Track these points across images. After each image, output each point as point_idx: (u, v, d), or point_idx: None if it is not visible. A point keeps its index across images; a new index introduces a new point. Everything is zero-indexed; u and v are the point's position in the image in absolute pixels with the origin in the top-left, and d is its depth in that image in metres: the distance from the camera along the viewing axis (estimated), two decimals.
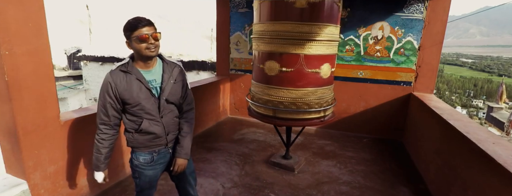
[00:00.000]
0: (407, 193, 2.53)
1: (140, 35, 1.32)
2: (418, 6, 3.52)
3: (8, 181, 1.84)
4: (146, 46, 1.35)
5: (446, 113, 2.59)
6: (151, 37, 1.34)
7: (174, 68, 1.53)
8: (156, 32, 1.37)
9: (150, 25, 1.36)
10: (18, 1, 1.66)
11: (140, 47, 1.35)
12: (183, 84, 1.57)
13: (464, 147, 1.98)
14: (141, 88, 1.42)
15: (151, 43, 1.35)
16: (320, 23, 2.38)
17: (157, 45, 1.38)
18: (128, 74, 1.41)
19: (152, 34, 1.35)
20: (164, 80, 1.47)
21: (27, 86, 1.76)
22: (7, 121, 1.76)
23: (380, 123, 3.95)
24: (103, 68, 6.47)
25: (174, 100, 1.52)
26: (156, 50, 1.39)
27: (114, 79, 1.40)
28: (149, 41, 1.34)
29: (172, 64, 1.54)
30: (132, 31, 1.34)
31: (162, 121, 1.50)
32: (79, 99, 7.03)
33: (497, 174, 1.53)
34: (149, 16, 1.47)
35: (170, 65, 1.52)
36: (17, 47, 1.68)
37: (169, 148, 1.59)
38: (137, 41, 1.34)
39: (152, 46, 1.36)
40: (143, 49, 1.35)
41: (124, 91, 1.40)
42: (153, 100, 1.46)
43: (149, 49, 1.36)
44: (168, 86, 1.48)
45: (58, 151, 2.02)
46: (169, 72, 1.50)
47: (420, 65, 3.67)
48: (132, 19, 1.36)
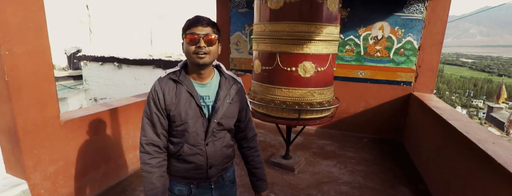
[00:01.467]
0: (407, 193, 2.53)
1: (190, 35, 1.10)
2: (418, 6, 3.52)
3: (8, 181, 1.84)
4: (194, 50, 1.10)
5: (446, 113, 2.59)
6: (202, 39, 1.09)
7: (232, 85, 1.25)
8: (211, 35, 1.11)
9: (208, 26, 1.12)
10: (18, 1, 1.66)
11: (188, 49, 1.12)
12: (241, 105, 1.30)
13: (464, 147, 1.98)
14: (190, 103, 1.16)
15: (200, 46, 1.09)
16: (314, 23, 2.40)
17: (209, 51, 1.11)
18: (179, 84, 1.17)
19: (204, 36, 1.09)
20: (218, 98, 1.20)
21: (27, 86, 1.76)
22: (7, 121, 1.76)
23: (380, 123, 3.95)
24: (103, 68, 6.47)
25: (227, 125, 1.24)
26: (207, 58, 1.12)
27: (163, 87, 1.16)
28: (199, 43, 1.09)
29: (231, 79, 1.27)
30: (185, 29, 1.13)
31: (206, 150, 1.21)
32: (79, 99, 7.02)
33: (497, 174, 1.53)
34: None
35: (229, 81, 1.25)
36: (17, 47, 1.68)
37: (211, 184, 1.29)
38: (187, 39, 1.11)
39: (202, 51, 1.09)
40: (190, 52, 1.11)
41: (172, 104, 1.15)
42: (202, 121, 1.18)
43: (197, 54, 1.10)
44: (222, 106, 1.20)
45: (58, 151, 2.02)
46: (226, 89, 1.22)
47: (420, 65, 3.67)
48: (193, 17, 1.14)
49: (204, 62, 1.12)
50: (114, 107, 2.52)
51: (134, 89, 6.24)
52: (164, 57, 6.23)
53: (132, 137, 2.71)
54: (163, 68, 5.93)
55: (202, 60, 1.11)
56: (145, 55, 6.47)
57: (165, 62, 5.91)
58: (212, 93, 1.22)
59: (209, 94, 1.21)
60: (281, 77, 2.51)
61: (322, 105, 2.59)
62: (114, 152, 2.53)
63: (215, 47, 1.15)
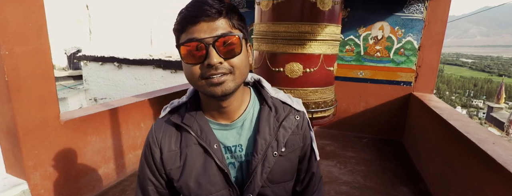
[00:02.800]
0: (407, 193, 2.53)
1: (185, 45, 0.60)
2: (418, 6, 3.52)
3: (8, 181, 1.84)
4: (200, 72, 0.60)
5: (446, 113, 2.59)
6: (213, 47, 0.58)
7: (285, 118, 0.73)
8: (230, 34, 0.60)
9: (219, 16, 0.60)
10: (18, 1, 1.66)
11: (189, 73, 0.62)
12: (304, 155, 0.79)
13: (464, 147, 1.98)
14: (206, 165, 0.69)
15: (211, 63, 0.58)
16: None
17: (230, 68, 0.61)
18: (185, 133, 0.70)
19: (216, 41, 0.59)
20: (256, 151, 0.69)
21: (27, 86, 1.76)
22: (7, 121, 1.77)
23: (380, 123, 3.95)
24: (103, 68, 6.47)
25: (277, 193, 0.74)
26: (230, 83, 0.62)
27: (160, 138, 0.72)
28: (207, 59, 0.59)
29: (281, 107, 0.74)
30: (179, 31, 0.62)
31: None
32: (79, 99, 7.03)
33: (497, 174, 1.53)
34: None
35: (277, 111, 0.73)
36: (17, 47, 1.68)
37: None
38: (182, 56, 0.61)
39: (216, 72, 0.60)
40: (195, 77, 0.62)
41: (176, 169, 0.70)
42: (230, 195, 0.71)
43: (208, 79, 0.60)
44: (264, 165, 0.69)
45: (58, 151, 2.02)
46: (270, 131, 0.70)
47: (420, 65, 3.67)
48: (190, 2, 0.62)
49: (225, 91, 0.61)
50: (114, 107, 2.52)
51: (134, 89, 6.24)
52: (164, 57, 6.24)
53: (132, 137, 2.71)
54: (163, 68, 5.92)
55: (220, 88, 0.61)
56: (145, 55, 6.47)
57: (165, 62, 5.91)
58: (245, 139, 0.71)
59: (241, 142, 0.71)
60: (270, 77, 2.53)
61: (319, 106, 2.58)
62: (114, 152, 2.53)
63: (241, 57, 0.62)
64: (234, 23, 0.63)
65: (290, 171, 0.76)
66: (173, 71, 5.95)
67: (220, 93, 0.61)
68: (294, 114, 0.75)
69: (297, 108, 0.77)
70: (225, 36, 0.59)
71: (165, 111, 0.76)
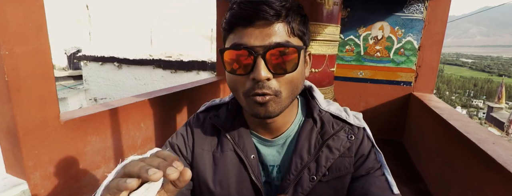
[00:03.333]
0: (407, 193, 2.53)
1: (230, 50, 0.52)
2: (418, 6, 3.52)
3: (8, 181, 1.84)
4: (247, 88, 0.53)
5: (446, 113, 2.59)
6: (263, 61, 0.49)
7: (333, 136, 0.61)
8: (287, 45, 0.50)
9: (276, 20, 0.50)
10: (18, 1, 1.66)
11: (234, 83, 0.55)
12: (368, 186, 0.59)
13: (464, 147, 1.98)
14: (241, 179, 0.60)
15: (258, 78, 0.49)
16: None
17: (279, 90, 0.52)
18: (223, 136, 0.62)
19: (267, 51, 0.49)
20: (291, 169, 0.59)
21: (27, 86, 1.76)
22: (7, 121, 1.77)
23: (380, 123, 3.94)
24: (103, 68, 6.46)
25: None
26: (276, 102, 0.53)
27: (195, 132, 0.65)
28: (254, 72, 0.50)
29: (332, 123, 0.63)
30: (228, 30, 0.56)
31: None
32: (79, 99, 7.02)
33: (498, 174, 1.53)
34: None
35: (324, 127, 0.62)
36: (17, 47, 1.68)
37: None
38: (225, 62, 0.53)
39: (260, 90, 0.51)
40: (238, 92, 0.55)
41: (204, 171, 0.62)
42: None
43: (250, 97, 0.53)
44: (299, 187, 0.58)
45: (58, 151, 2.02)
46: (309, 149, 0.60)
47: (420, 65, 3.67)
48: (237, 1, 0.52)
49: (268, 113, 0.53)
50: (114, 107, 2.52)
51: (134, 89, 6.24)
52: (164, 57, 6.23)
53: (132, 137, 2.71)
54: (163, 68, 5.93)
55: (264, 109, 0.52)
56: (145, 55, 6.47)
57: (165, 62, 5.91)
58: (285, 159, 0.62)
59: (279, 163, 0.62)
60: None
61: None
62: (114, 152, 2.52)
63: (295, 75, 0.52)
64: (294, 28, 0.51)
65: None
66: (173, 71, 5.95)
67: (263, 114, 0.53)
68: (348, 132, 0.61)
69: (355, 124, 0.64)
70: (280, 46, 0.48)
71: (204, 107, 0.70)
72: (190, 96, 3.61)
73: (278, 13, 0.49)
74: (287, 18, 0.51)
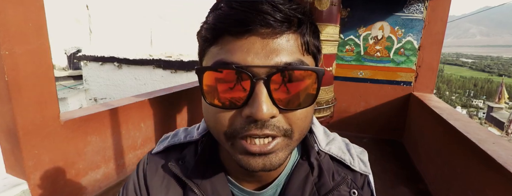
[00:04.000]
0: (407, 193, 2.53)
1: (222, 68, 0.33)
2: (418, 6, 3.52)
3: (8, 181, 1.84)
4: (237, 127, 0.35)
5: (446, 113, 2.59)
6: (266, 90, 0.32)
7: (333, 190, 0.45)
8: (297, 68, 0.33)
9: (285, 30, 0.33)
10: (18, 1, 1.66)
11: (216, 121, 0.36)
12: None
13: (464, 147, 1.98)
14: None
15: (256, 116, 0.32)
16: None
17: (286, 128, 0.35)
18: (190, 192, 0.45)
19: (274, 75, 0.32)
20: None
21: (27, 86, 1.76)
22: (7, 121, 1.77)
23: (380, 123, 3.95)
24: (103, 68, 6.47)
25: None
26: (281, 150, 0.36)
27: (148, 184, 0.47)
28: (254, 106, 0.32)
29: (335, 169, 0.49)
30: (207, 40, 0.37)
31: None
32: (79, 99, 7.03)
33: (498, 174, 1.53)
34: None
35: (323, 176, 0.46)
36: (17, 47, 1.68)
37: None
38: (204, 87, 0.35)
39: (259, 132, 0.33)
40: (220, 132, 0.36)
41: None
42: None
43: (242, 142, 0.35)
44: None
45: (58, 151, 2.02)
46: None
47: (420, 65, 3.67)
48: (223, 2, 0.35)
49: (268, 166, 0.36)
50: (114, 107, 2.52)
51: (134, 89, 6.25)
52: (164, 57, 6.24)
53: (132, 137, 2.71)
54: (163, 68, 5.92)
55: (262, 161, 0.36)
56: (145, 55, 6.47)
57: (165, 62, 5.91)
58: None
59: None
60: None
61: (321, 105, 2.58)
62: (114, 152, 2.53)
63: (310, 109, 0.37)
64: (309, 43, 0.36)
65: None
66: (173, 71, 5.95)
67: (260, 168, 0.36)
68: (350, 185, 0.47)
69: (360, 171, 0.51)
70: (294, 69, 0.33)
71: (161, 145, 0.49)
72: (190, 96, 3.61)
73: (289, 19, 0.33)
74: (301, 27, 0.35)
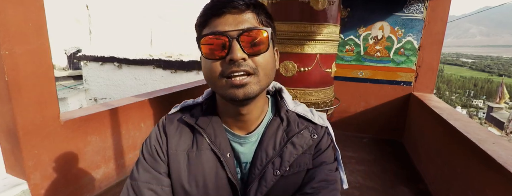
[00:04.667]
0: (407, 193, 2.53)
1: (207, 37, 0.55)
2: (418, 6, 3.52)
3: (8, 181, 1.84)
4: (221, 70, 0.55)
5: (446, 113, 2.59)
6: (237, 43, 0.53)
7: (297, 134, 0.63)
8: (256, 29, 0.55)
9: (247, 9, 0.56)
10: (18, 1, 1.66)
11: (208, 70, 0.57)
12: (317, 181, 0.62)
13: (464, 147, 1.98)
14: (218, 176, 0.62)
15: (233, 58, 0.53)
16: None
17: (255, 68, 0.55)
18: (198, 135, 0.63)
19: (241, 35, 0.53)
20: (256, 163, 0.62)
21: (27, 86, 1.76)
22: (7, 121, 1.77)
23: (380, 123, 3.95)
24: (103, 68, 6.47)
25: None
26: (253, 85, 0.55)
27: (168, 134, 0.64)
28: (230, 54, 0.53)
29: (299, 123, 0.66)
30: (200, 25, 0.59)
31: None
32: (79, 99, 7.03)
33: (497, 174, 1.53)
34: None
35: (290, 125, 0.65)
36: (17, 47, 1.68)
37: None
38: (202, 50, 0.57)
39: (238, 70, 0.54)
40: (214, 76, 0.56)
41: (180, 172, 0.62)
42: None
43: (229, 78, 0.55)
44: (263, 180, 0.61)
45: (58, 151, 2.02)
46: (274, 145, 0.63)
47: (420, 65, 3.67)
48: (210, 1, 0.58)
49: (247, 94, 0.54)
50: (114, 107, 2.52)
51: (134, 89, 6.25)
52: (164, 57, 6.24)
53: (132, 137, 2.71)
54: (163, 68, 5.93)
55: (242, 90, 0.54)
56: (145, 55, 6.47)
57: (165, 62, 5.91)
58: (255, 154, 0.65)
59: (251, 159, 0.64)
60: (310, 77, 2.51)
61: (319, 106, 2.57)
62: (114, 152, 2.53)
63: (267, 56, 0.56)
64: (262, 19, 0.58)
65: (293, 190, 0.62)
66: (173, 71, 5.95)
67: (242, 96, 0.54)
68: (311, 131, 0.64)
69: (319, 123, 0.66)
70: (252, 30, 0.53)
71: (176, 108, 0.69)
72: (190, 96, 3.61)
73: (247, 4, 0.55)
74: (256, 9, 0.57)
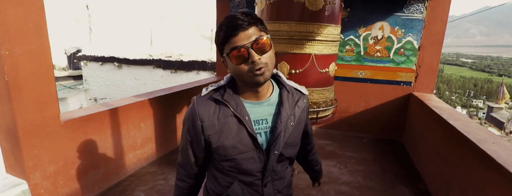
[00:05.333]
0: (407, 193, 2.53)
1: (233, 51, 0.80)
2: (418, 6, 3.52)
3: (8, 181, 1.84)
4: (248, 68, 0.81)
5: (446, 113, 2.59)
6: (252, 49, 0.79)
7: (298, 100, 0.97)
8: (262, 37, 0.81)
9: (251, 25, 0.81)
10: (18, 1, 1.66)
11: (239, 70, 0.82)
12: (305, 125, 1.06)
13: (464, 147, 1.98)
14: (240, 132, 0.88)
15: (253, 61, 0.79)
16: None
17: (266, 62, 0.81)
18: (223, 106, 0.89)
19: (253, 44, 0.79)
20: (280, 121, 0.91)
21: (27, 86, 1.76)
22: (7, 121, 1.77)
23: (380, 123, 3.95)
24: (103, 68, 6.47)
25: (290, 155, 0.97)
26: (267, 72, 0.83)
27: (201, 112, 0.89)
28: (250, 58, 0.79)
29: (295, 92, 0.99)
30: (223, 43, 0.83)
31: (263, 192, 0.94)
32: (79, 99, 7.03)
33: (497, 174, 1.53)
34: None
35: (292, 95, 0.97)
36: (17, 47, 1.68)
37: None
38: (232, 59, 0.82)
39: (258, 66, 0.80)
40: (243, 73, 0.82)
41: (214, 134, 0.89)
42: (257, 155, 0.91)
43: (253, 72, 0.81)
44: (285, 131, 0.92)
45: (58, 151, 2.02)
46: (289, 107, 0.94)
47: (420, 65, 3.67)
48: (225, 20, 0.82)
49: (266, 78, 0.84)
50: (114, 107, 2.52)
51: (134, 89, 6.25)
52: (164, 57, 6.23)
53: (132, 137, 2.71)
54: (163, 68, 5.93)
55: (262, 77, 0.82)
56: (145, 55, 6.47)
57: (165, 62, 5.92)
58: (269, 114, 0.93)
59: (266, 117, 0.92)
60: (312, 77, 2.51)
61: (320, 106, 2.56)
62: (114, 152, 2.53)
63: (271, 53, 0.84)
64: (260, 28, 0.83)
65: (298, 138, 1.00)
66: (173, 71, 5.95)
67: (262, 80, 0.83)
68: (303, 98, 0.99)
69: (305, 93, 1.02)
70: (258, 39, 0.81)
71: (207, 90, 0.94)
72: (190, 96, 3.60)
73: (250, 22, 0.80)
74: (255, 23, 0.82)
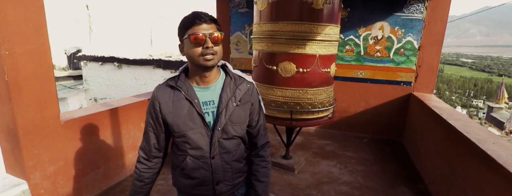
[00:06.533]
0: (407, 193, 2.53)
1: (194, 35, 0.97)
2: (418, 6, 3.52)
3: (8, 181, 1.84)
4: (200, 51, 0.99)
5: (446, 113, 2.59)
6: (209, 38, 0.98)
7: (239, 85, 1.12)
8: (217, 32, 1.01)
9: (212, 23, 1.01)
10: (18, 1, 1.66)
11: (193, 52, 1.00)
12: (253, 108, 1.16)
13: (464, 147, 1.98)
14: (191, 112, 1.06)
15: (208, 46, 0.98)
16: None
17: (216, 51, 1.01)
18: (177, 91, 1.07)
19: (210, 35, 0.98)
20: (221, 102, 1.08)
21: (27, 86, 1.76)
22: (7, 121, 1.77)
23: (380, 123, 3.95)
24: (103, 68, 6.46)
25: (235, 132, 1.11)
26: (215, 59, 1.02)
27: (160, 96, 1.08)
28: (205, 44, 0.98)
29: (238, 78, 1.14)
30: (186, 28, 1.01)
31: (212, 164, 1.09)
32: (79, 99, 7.03)
33: (497, 174, 1.53)
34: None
35: (235, 81, 1.12)
36: (17, 47, 1.68)
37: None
38: (189, 43, 0.99)
39: (209, 52, 0.99)
40: (196, 55, 1.00)
41: (169, 113, 1.07)
42: (205, 131, 1.07)
43: (204, 56, 0.99)
44: (227, 110, 1.08)
45: (58, 151, 2.02)
46: (230, 90, 1.09)
47: (420, 65, 3.67)
48: (190, 14, 1.02)
49: (213, 64, 1.01)
50: (114, 107, 2.52)
51: (134, 89, 6.24)
52: (164, 57, 6.23)
53: (132, 137, 2.71)
54: (163, 68, 5.93)
55: (210, 62, 1.00)
56: (145, 55, 6.47)
57: (165, 62, 5.91)
58: (216, 97, 1.09)
59: (213, 99, 1.09)
60: (266, 75, 2.56)
61: (315, 106, 2.55)
62: (114, 152, 2.53)
63: (221, 47, 1.04)
64: (218, 27, 1.04)
65: (244, 116, 1.13)
66: (173, 71, 5.94)
67: (210, 64, 1.02)
68: (246, 82, 1.14)
69: (248, 79, 1.17)
70: (215, 33, 1.01)
71: (165, 80, 1.13)
72: None
73: (211, 19, 1.02)
74: (215, 22, 1.03)
